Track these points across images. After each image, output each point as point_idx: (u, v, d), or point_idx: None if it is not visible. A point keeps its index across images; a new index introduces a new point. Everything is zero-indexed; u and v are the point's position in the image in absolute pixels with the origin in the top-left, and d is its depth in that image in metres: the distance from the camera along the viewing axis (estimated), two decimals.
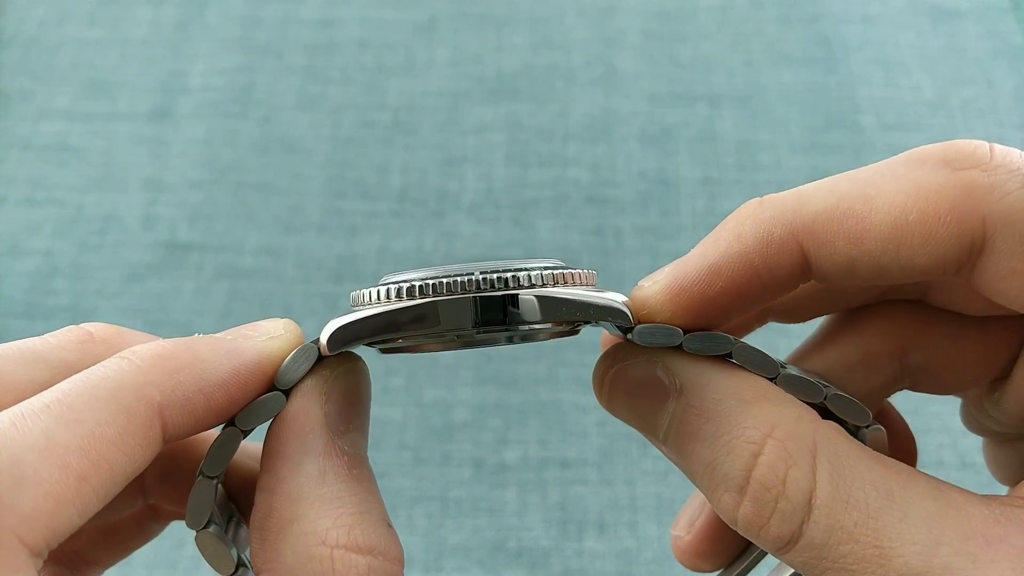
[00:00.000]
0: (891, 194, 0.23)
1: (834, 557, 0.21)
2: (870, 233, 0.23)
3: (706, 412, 0.23)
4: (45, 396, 0.20)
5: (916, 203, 0.23)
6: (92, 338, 0.24)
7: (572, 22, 0.79)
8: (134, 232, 0.67)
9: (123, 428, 0.20)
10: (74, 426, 0.20)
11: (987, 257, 0.23)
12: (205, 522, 0.24)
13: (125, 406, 0.21)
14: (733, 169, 0.70)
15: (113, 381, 0.21)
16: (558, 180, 0.70)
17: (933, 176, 0.23)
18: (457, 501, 0.56)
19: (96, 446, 0.20)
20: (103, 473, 0.20)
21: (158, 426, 0.21)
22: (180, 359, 0.22)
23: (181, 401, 0.22)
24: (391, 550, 0.23)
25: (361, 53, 0.78)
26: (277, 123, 0.73)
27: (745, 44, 0.78)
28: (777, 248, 0.24)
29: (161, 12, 0.80)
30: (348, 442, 0.24)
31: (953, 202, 0.22)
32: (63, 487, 0.19)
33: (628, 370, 0.25)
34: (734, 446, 0.22)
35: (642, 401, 0.25)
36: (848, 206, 0.24)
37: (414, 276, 0.24)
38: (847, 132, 0.72)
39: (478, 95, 0.75)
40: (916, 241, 0.23)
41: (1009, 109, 0.74)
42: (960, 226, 0.22)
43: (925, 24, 0.79)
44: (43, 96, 0.75)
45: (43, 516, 0.19)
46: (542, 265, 0.25)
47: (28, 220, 0.68)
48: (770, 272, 0.24)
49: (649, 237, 0.67)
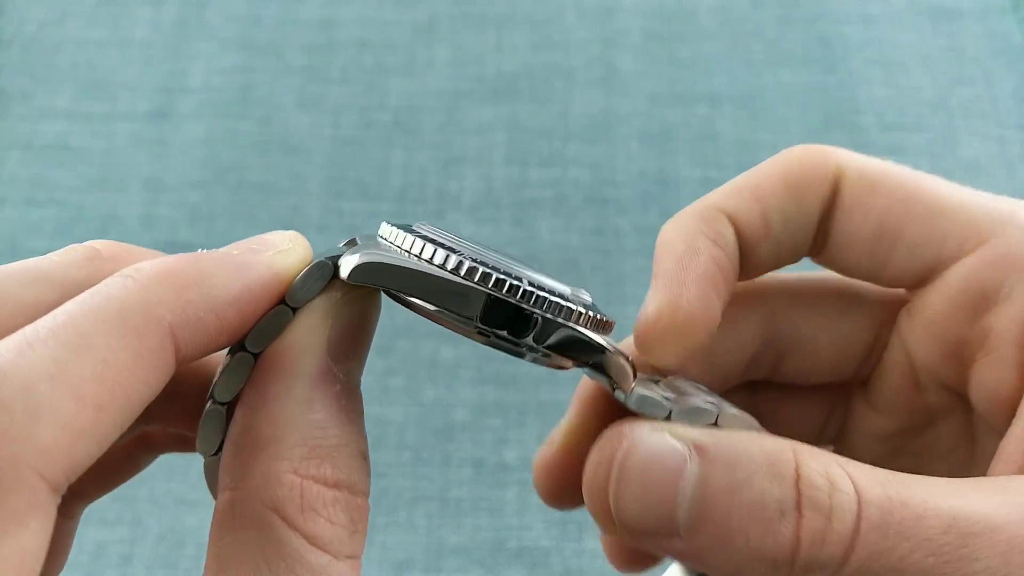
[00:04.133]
0: (773, 163, 0.31)
1: (897, 525, 0.22)
2: (765, 189, 0.30)
3: (732, 459, 0.23)
4: (50, 321, 0.19)
5: (791, 166, 0.30)
6: (99, 255, 0.23)
7: (572, 22, 0.80)
8: (134, 232, 0.67)
9: (136, 352, 0.19)
10: (86, 352, 0.19)
11: (841, 195, 0.30)
12: (216, 448, 0.23)
13: (135, 328, 0.20)
14: (733, 169, 0.70)
15: (119, 302, 0.20)
16: (558, 180, 0.70)
17: (795, 152, 0.31)
18: (457, 501, 0.56)
19: (110, 373, 0.19)
20: (119, 401, 0.19)
21: (170, 348, 0.20)
22: (188, 276, 0.21)
23: (192, 321, 0.21)
24: (360, 484, 0.22)
25: (361, 53, 0.78)
26: (277, 123, 0.73)
27: (745, 44, 0.78)
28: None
29: (161, 12, 0.80)
30: (344, 370, 0.23)
31: (813, 159, 0.30)
32: (81, 418, 0.19)
33: (640, 446, 0.24)
34: (775, 471, 0.22)
35: (657, 481, 0.23)
36: (742, 183, 0.31)
37: (466, 250, 0.23)
38: (847, 132, 0.72)
39: (478, 95, 0.75)
40: (801, 188, 0.30)
41: (1009, 109, 0.74)
42: (823, 170, 0.30)
43: (925, 24, 0.79)
44: (43, 96, 0.75)
45: (62, 449, 0.18)
46: (587, 302, 0.26)
47: (28, 220, 0.68)
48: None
49: (649, 237, 0.67)
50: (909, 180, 0.30)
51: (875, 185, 0.29)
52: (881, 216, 0.29)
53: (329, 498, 0.21)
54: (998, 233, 0.28)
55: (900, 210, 0.29)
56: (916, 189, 0.29)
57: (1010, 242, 0.28)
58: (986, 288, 0.28)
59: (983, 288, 0.28)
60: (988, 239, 0.28)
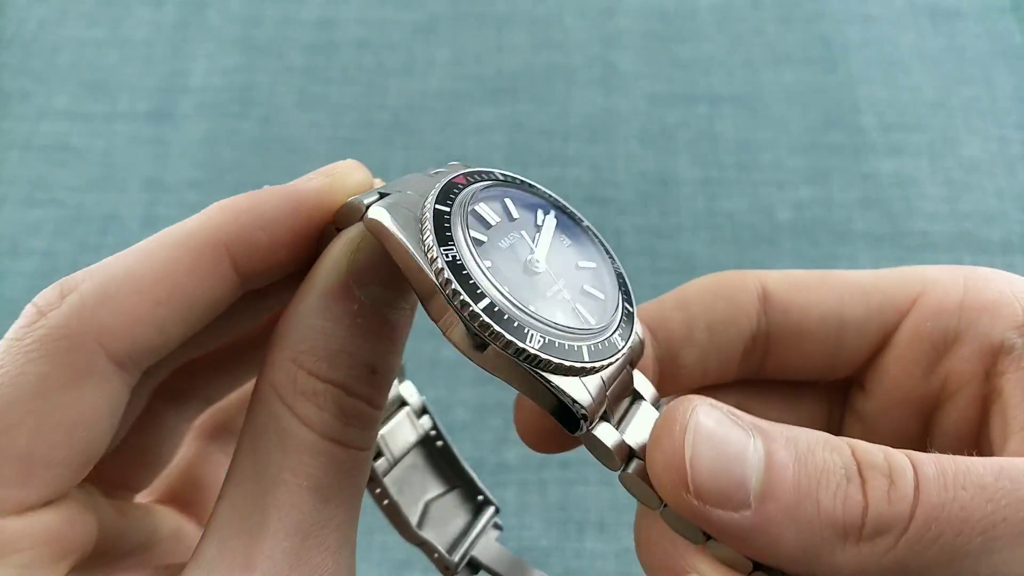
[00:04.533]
0: (693, 282, 0.32)
1: (952, 477, 0.23)
2: (689, 297, 0.31)
3: (791, 435, 0.24)
4: (137, 245, 0.25)
5: (712, 277, 0.32)
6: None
7: (572, 22, 0.80)
8: (134, 232, 0.67)
9: (193, 262, 0.25)
10: (149, 261, 0.25)
11: (771, 300, 0.31)
12: None
13: (193, 246, 0.25)
14: (733, 169, 0.70)
15: (182, 228, 0.26)
16: (558, 180, 0.70)
17: (714, 274, 0.32)
18: None
19: (169, 277, 0.25)
20: (176, 300, 0.25)
21: (227, 261, 0.26)
22: (242, 204, 0.26)
23: (245, 238, 0.26)
24: (359, 390, 0.26)
25: (361, 53, 0.78)
26: (277, 123, 0.73)
27: (745, 44, 0.78)
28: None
29: (161, 12, 0.80)
30: (367, 293, 0.26)
31: (734, 273, 0.31)
32: (140, 308, 0.24)
33: (707, 420, 0.24)
34: (832, 445, 0.24)
35: (729, 451, 0.24)
36: (666, 294, 0.32)
37: (474, 257, 0.25)
38: (847, 132, 0.72)
39: (478, 95, 0.75)
40: (723, 296, 0.31)
41: (1009, 109, 0.74)
42: (745, 280, 0.31)
43: (925, 24, 0.79)
44: (43, 96, 0.75)
45: (122, 329, 0.24)
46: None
47: (28, 220, 0.68)
48: None
49: (649, 237, 0.67)
50: (826, 274, 0.31)
51: (799, 283, 0.31)
52: (816, 307, 0.31)
53: (320, 388, 0.25)
54: (922, 290, 0.30)
55: (830, 299, 0.31)
56: (836, 278, 0.31)
57: (937, 293, 0.30)
58: (935, 340, 0.29)
59: (932, 342, 0.30)
60: (917, 297, 0.30)
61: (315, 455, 0.25)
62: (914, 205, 0.68)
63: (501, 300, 0.25)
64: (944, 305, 0.29)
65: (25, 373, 0.24)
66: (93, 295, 0.24)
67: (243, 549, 0.25)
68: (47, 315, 0.24)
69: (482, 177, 0.28)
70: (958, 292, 0.30)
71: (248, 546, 0.25)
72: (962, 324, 0.29)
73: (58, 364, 0.24)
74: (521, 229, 0.27)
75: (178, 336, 0.25)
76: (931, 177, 0.70)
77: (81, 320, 0.24)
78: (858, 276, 0.31)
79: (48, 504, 0.25)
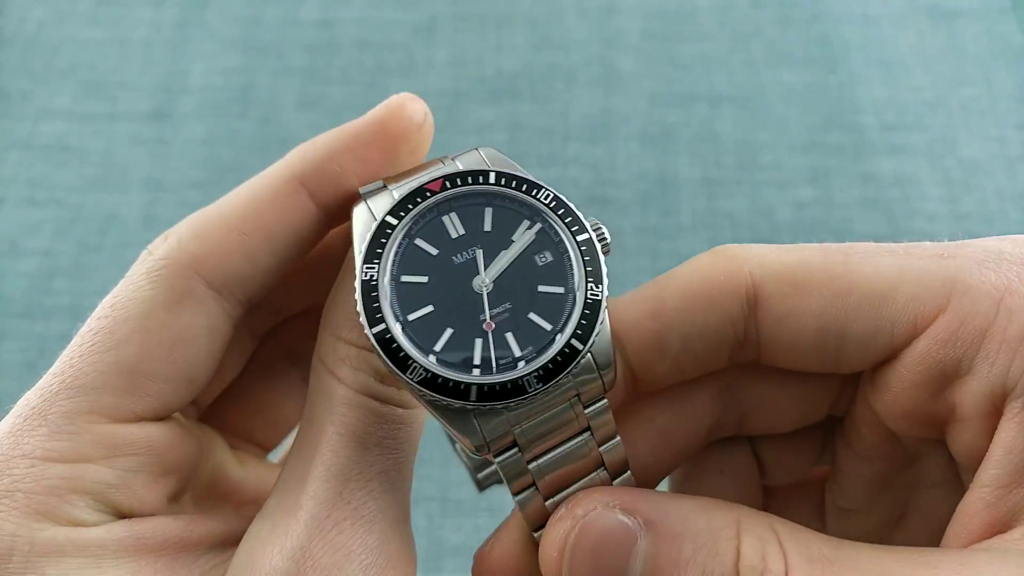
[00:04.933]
0: (679, 274, 0.29)
1: None
2: (666, 305, 0.28)
3: (679, 535, 0.24)
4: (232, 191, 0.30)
5: (696, 275, 0.28)
6: None
7: (572, 22, 0.80)
8: (134, 232, 0.67)
9: (272, 196, 0.29)
10: (236, 200, 0.29)
11: (762, 306, 0.28)
12: None
13: (271, 183, 0.29)
14: (733, 169, 0.70)
15: (264, 172, 0.29)
16: (558, 180, 0.70)
17: (707, 257, 0.29)
18: (457, 501, 0.56)
19: (252, 211, 0.29)
20: (261, 230, 0.29)
21: (303, 192, 0.29)
22: (312, 142, 0.29)
23: (316, 169, 0.29)
24: None
25: (361, 53, 0.78)
26: (277, 123, 0.73)
27: (745, 44, 0.78)
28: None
29: (161, 12, 0.80)
30: None
31: (723, 266, 0.28)
32: (229, 239, 0.28)
33: (592, 525, 0.25)
34: (718, 549, 0.24)
35: (609, 557, 0.24)
36: (646, 293, 0.29)
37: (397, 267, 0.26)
38: (847, 132, 0.72)
39: (478, 95, 0.75)
40: (702, 304, 0.28)
41: (1009, 109, 0.74)
42: (732, 281, 0.28)
43: (925, 24, 0.79)
44: (43, 96, 0.75)
45: (214, 258, 0.28)
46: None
47: (28, 220, 0.68)
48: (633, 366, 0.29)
49: (649, 237, 0.67)
50: (836, 267, 0.27)
51: (799, 285, 0.27)
52: (816, 319, 0.27)
53: (354, 353, 0.27)
54: (945, 306, 0.26)
55: (836, 307, 0.27)
56: (846, 277, 0.27)
57: (960, 314, 0.26)
58: (945, 367, 0.26)
59: (942, 367, 0.26)
60: (937, 315, 0.26)
61: (352, 407, 0.27)
62: (914, 205, 0.68)
63: (396, 327, 0.25)
64: (965, 332, 0.26)
65: (133, 298, 0.28)
66: (188, 232, 0.29)
67: (293, 495, 0.27)
68: (153, 253, 0.29)
69: (470, 181, 0.27)
70: (986, 315, 0.26)
71: (296, 491, 0.27)
72: (979, 358, 0.26)
73: (160, 289, 0.28)
74: (483, 245, 0.27)
75: (267, 266, 0.29)
76: (931, 177, 0.70)
77: (178, 252, 0.28)
78: (876, 275, 0.27)
79: (156, 421, 0.28)
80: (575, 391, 0.26)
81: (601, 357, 0.26)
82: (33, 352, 0.62)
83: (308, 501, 0.26)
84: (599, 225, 0.28)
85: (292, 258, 0.30)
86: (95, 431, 0.27)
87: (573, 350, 0.26)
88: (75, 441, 0.27)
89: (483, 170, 0.28)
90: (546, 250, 0.27)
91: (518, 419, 0.26)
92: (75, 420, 0.27)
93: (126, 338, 0.28)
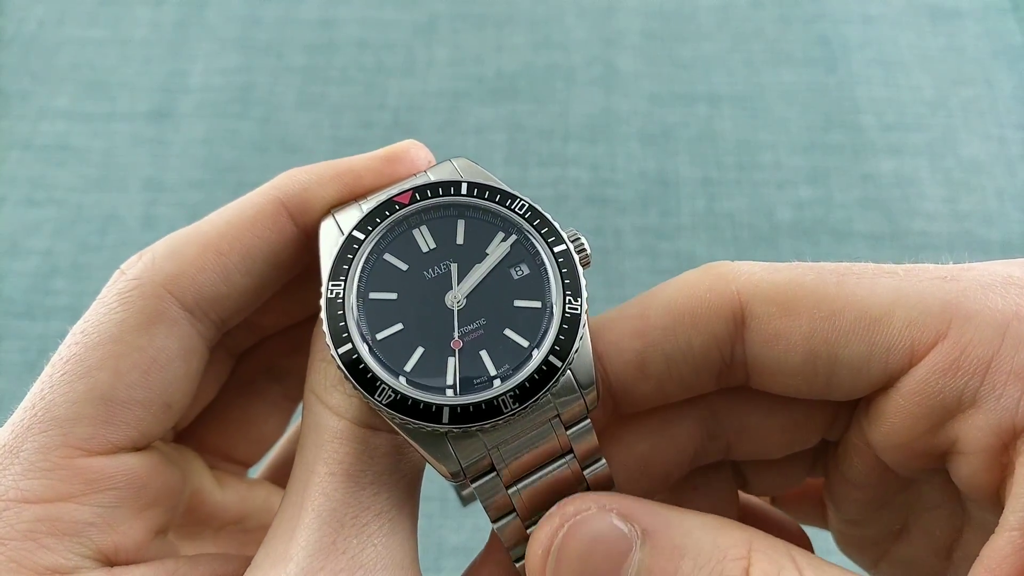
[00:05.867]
0: (664, 291, 0.27)
1: None
2: (649, 323, 0.26)
3: (679, 549, 0.21)
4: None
5: (681, 292, 0.26)
6: None
7: (572, 22, 0.79)
8: (134, 232, 0.67)
9: (252, 218, 0.28)
10: (215, 219, 0.28)
11: (750, 327, 0.26)
12: None
13: (254, 202, 0.28)
14: (733, 169, 0.70)
15: (249, 195, 0.28)
16: (558, 180, 0.70)
17: (695, 274, 0.27)
18: (457, 501, 0.56)
19: (231, 230, 0.28)
20: (238, 249, 0.27)
21: (284, 213, 0.28)
22: (299, 170, 0.29)
23: (298, 194, 0.28)
24: None
25: (361, 53, 0.78)
26: (277, 123, 0.73)
27: (745, 44, 0.78)
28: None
29: (161, 12, 0.80)
30: None
31: (710, 283, 0.26)
32: (204, 258, 0.27)
33: (583, 526, 0.23)
34: (723, 569, 0.21)
35: (598, 563, 0.22)
36: (630, 310, 0.27)
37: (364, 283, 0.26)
38: (847, 132, 0.72)
39: (478, 95, 0.75)
40: (687, 322, 0.26)
41: (1009, 109, 0.74)
42: (718, 299, 0.26)
43: (925, 24, 0.79)
44: (43, 96, 0.75)
45: (186, 276, 0.27)
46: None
47: (28, 220, 0.68)
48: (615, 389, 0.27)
49: (649, 237, 0.67)
50: (828, 288, 0.25)
51: (788, 306, 0.26)
52: (806, 341, 0.25)
53: (344, 380, 0.26)
54: (945, 332, 0.24)
55: (827, 329, 0.25)
56: (838, 298, 0.25)
57: (962, 342, 0.24)
58: (946, 398, 0.24)
59: (942, 399, 0.24)
60: (936, 342, 0.24)
61: (345, 441, 0.25)
62: (914, 205, 0.68)
63: (363, 348, 0.24)
64: (967, 361, 0.24)
65: (104, 321, 0.27)
66: (162, 251, 0.28)
67: (283, 546, 0.25)
68: (125, 273, 0.27)
69: (440, 192, 0.26)
70: (991, 343, 0.24)
71: (287, 542, 0.25)
72: (984, 390, 0.24)
73: (132, 311, 0.27)
74: (456, 259, 0.26)
75: (243, 286, 0.28)
76: (931, 177, 0.70)
77: (151, 272, 0.27)
78: (871, 297, 0.25)
79: (135, 450, 0.27)
80: (555, 411, 0.25)
81: (582, 375, 0.25)
82: (33, 352, 0.62)
83: (299, 552, 0.24)
84: (577, 235, 0.27)
85: (270, 280, 0.29)
86: (71, 466, 0.25)
87: (551, 367, 0.24)
88: (50, 478, 0.25)
89: (454, 181, 0.27)
90: (522, 263, 0.26)
91: (495, 441, 0.24)
92: (49, 455, 0.25)
93: (98, 364, 0.26)
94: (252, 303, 0.29)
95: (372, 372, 0.24)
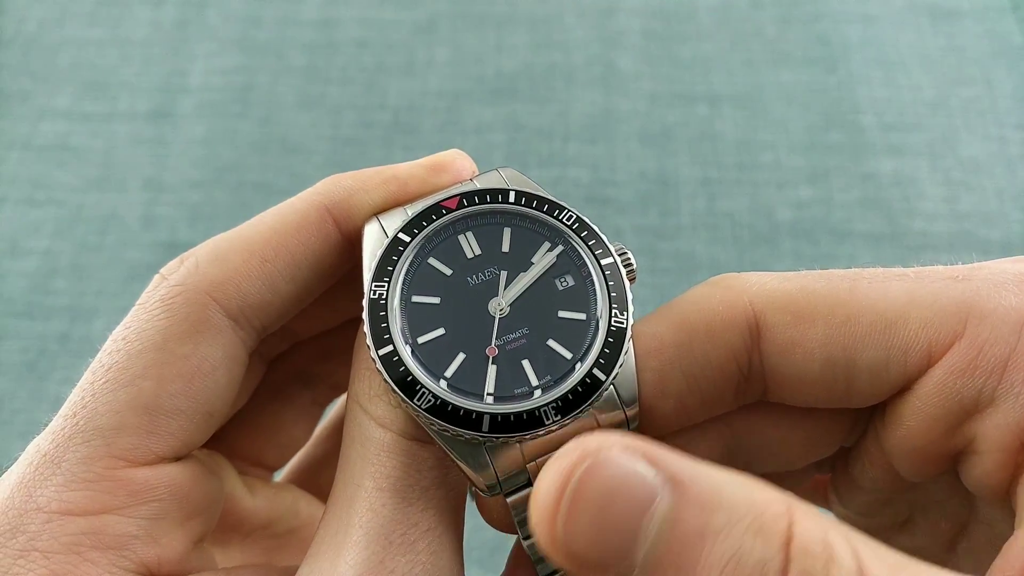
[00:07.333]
0: (676, 308, 0.26)
1: None
2: (665, 340, 0.26)
3: (711, 502, 0.19)
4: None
5: (694, 307, 0.26)
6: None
7: (572, 22, 0.79)
8: (134, 232, 0.67)
9: (297, 224, 0.27)
10: (259, 225, 0.28)
11: (765, 337, 0.26)
12: None
13: (299, 208, 0.28)
14: (733, 169, 0.70)
15: (292, 200, 0.28)
16: (558, 180, 0.69)
17: (704, 288, 0.27)
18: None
19: (275, 237, 0.27)
20: (283, 256, 0.27)
21: (329, 221, 0.28)
22: (344, 175, 0.28)
23: (342, 200, 0.28)
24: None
25: (361, 53, 0.78)
26: (277, 123, 0.73)
27: (745, 44, 0.78)
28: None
29: (161, 12, 0.80)
30: None
31: (721, 296, 0.26)
32: (249, 265, 0.27)
33: (604, 468, 0.19)
34: (762, 525, 0.18)
35: (619, 510, 0.19)
36: (642, 329, 0.26)
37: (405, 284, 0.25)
38: (847, 132, 0.72)
39: (478, 95, 0.75)
40: (702, 337, 0.26)
41: (1009, 109, 0.74)
42: (732, 311, 0.25)
43: (925, 24, 0.79)
44: (43, 96, 0.75)
45: (231, 283, 0.27)
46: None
47: (28, 220, 0.68)
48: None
49: (649, 237, 0.67)
50: (841, 294, 0.26)
51: (802, 313, 0.25)
52: (823, 348, 0.25)
53: (388, 388, 0.25)
54: (961, 332, 0.24)
55: (843, 335, 0.25)
56: (852, 303, 0.25)
57: (978, 341, 0.24)
58: (963, 398, 0.24)
59: (960, 399, 0.24)
60: (953, 342, 0.24)
61: (392, 454, 0.25)
62: (914, 205, 0.68)
63: (404, 350, 0.24)
64: (984, 360, 0.24)
65: (147, 328, 0.26)
66: (206, 256, 0.27)
67: (329, 564, 0.24)
68: (167, 278, 0.27)
69: (488, 200, 0.26)
70: (1007, 341, 0.24)
71: (333, 559, 0.24)
72: (1002, 388, 0.24)
73: (175, 318, 0.26)
74: (503, 266, 0.26)
75: (287, 293, 0.28)
76: (931, 177, 0.70)
77: (195, 278, 0.27)
78: (884, 300, 0.25)
79: (176, 460, 0.26)
80: (595, 426, 0.24)
81: (625, 391, 0.25)
82: (33, 352, 0.62)
83: (347, 571, 0.24)
84: (624, 249, 0.26)
85: (313, 287, 0.28)
86: (114, 477, 0.25)
87: (595, 380, 0.24)
88: (94, 490, 0.25)
89: (502, 189, 0.27)
90: (567, 274, 0.26)
91: (534, 454, 0.24)
92: (92, 466, 0.25)
93: (142, 373, 0.25)
94: (293, 310, 0.28)
95: (412, 375, 0.24)
